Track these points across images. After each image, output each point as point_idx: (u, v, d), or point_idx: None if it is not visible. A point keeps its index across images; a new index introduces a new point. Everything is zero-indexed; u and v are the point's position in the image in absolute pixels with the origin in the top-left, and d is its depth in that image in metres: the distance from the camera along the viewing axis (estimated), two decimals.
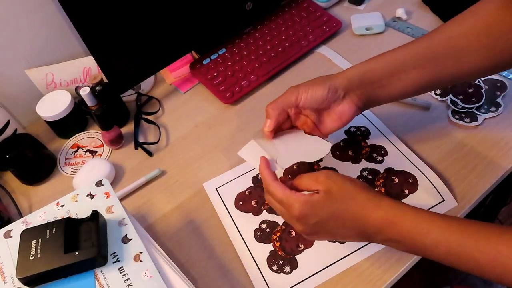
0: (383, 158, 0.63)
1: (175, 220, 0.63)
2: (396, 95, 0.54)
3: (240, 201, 0.62)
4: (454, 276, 1.20)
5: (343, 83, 0.53)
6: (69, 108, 0.74)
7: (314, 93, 0.52)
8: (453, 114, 0.66)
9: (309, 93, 0.52)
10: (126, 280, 0.44)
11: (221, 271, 0.56)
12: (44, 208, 0.51)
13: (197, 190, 0.65)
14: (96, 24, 0.65)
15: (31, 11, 0.72)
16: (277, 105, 0.53)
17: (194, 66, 0.81)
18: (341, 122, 0.55)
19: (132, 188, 0.67)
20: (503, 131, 0.64)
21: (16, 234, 0.47)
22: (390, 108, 0.69)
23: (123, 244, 0.47)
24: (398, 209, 0.44)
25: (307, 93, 0.52)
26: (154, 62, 0.77)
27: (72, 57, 0.79)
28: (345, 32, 0.86)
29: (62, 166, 0.74)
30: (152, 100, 0.82)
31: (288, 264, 0.55)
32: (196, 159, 0.70)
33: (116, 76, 0.72)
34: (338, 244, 0.55)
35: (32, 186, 0.72)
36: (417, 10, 0.86)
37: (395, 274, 0.53)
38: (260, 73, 0.79)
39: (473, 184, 0.59)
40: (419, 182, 0.59)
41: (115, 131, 0.73)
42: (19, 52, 0.75)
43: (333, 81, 0.53)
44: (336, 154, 0.65)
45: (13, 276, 0.45)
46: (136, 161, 0.72)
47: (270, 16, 0.87)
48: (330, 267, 0.54)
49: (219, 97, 0.78)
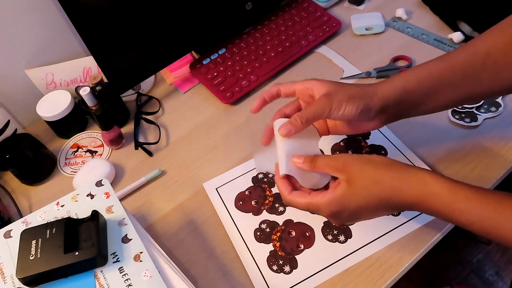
0: None
1: (175, 220, 0.63)
2: (425, 113, 0.52)
3: (240, 201, 0.62)
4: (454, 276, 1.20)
5: (379, 105, 0.49)
6: (69, 108, 0.74)
7: (346, 112, 0.47)
8: (453, 114, 0.67)
9: (341, 111, 0.47)
10: (126, 280, 0.44)
11: (221, 271, 0.56)
12: (44, 208, 0.51)
13: (197, 190, 0.65)
14: (96, 24, 0.65)
15: (31, 11, 0.72)
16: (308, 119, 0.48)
17: (194, 66, 0.81)
18: (356, 132, 0.53)
19: (132, 188, 0.67)
20: (503, 131, 0.64)
21: (16, 234, 0.47)
22: None
23: (123, 244, 0.47)
24: (431, 186, 0.42)
25: (339, 110, 0.47)
26: (154, 62, 0.77)
27: (72, 57, 0.79)
28: (345, 32, 0.86)
29: (62, 166, 0.74)
30: (152, 100, 0.82)
31: (288, 264, 0.55)
32: (196, 159, 0.70)
33: (116, 76, 0.72)
34: (338, 244, 0.55)
35: (32, 186, 0.72)
36: (417, 10, 0.86)
37: (395, 274, 0.53)
38: (260, 73, 0.79)
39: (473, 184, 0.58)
40: None
41: (115, 131, 0.73)
42: (19, 52, 0.75)
43: (369, 102, 0.48)
44: (336, 154, 0.65)
45: (13, 276, 0.45)
46: (136, 161, 0.72)
47: (270, 16, 0.87)
48: (330, 267, 0.54)
49: (219, 97, 0.78)
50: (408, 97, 0.49)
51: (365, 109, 0.48)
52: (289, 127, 0.47)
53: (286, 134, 0.48)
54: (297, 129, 0.48)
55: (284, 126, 0.48)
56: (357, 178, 0.44)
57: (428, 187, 0.42)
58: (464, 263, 1.23)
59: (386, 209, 0.45)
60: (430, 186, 0.42)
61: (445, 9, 0.83)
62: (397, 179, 0.43)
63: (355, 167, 0.45)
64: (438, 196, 0.42)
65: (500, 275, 1.22)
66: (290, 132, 0.47)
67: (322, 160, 0.47)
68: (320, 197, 0.46)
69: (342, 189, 0.45)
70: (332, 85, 0.50)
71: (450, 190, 0.42)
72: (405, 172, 0.44)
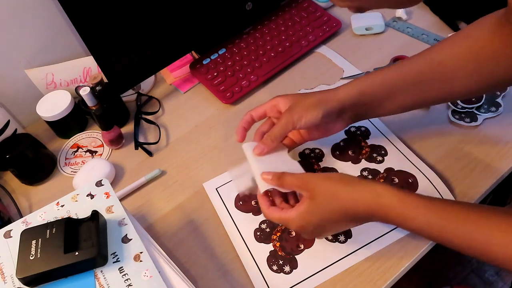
0: (383, 158, 0.63)
1: (175, 220, 0.63)
2: (385, 114, 0.58)
3: (240, 201, 0.62)
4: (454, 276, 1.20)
5: (337, 107, 0.54)
6: (69, 108, 0.74)
7: (309, 120, 0.53)
8: (453, 114, 0.67)
9: (303, 121, 0.53)
10: (126, 280, 0.44)
11: (221, 271, 0.56)
12: (44, 208, 0.51)
13: (197, 190, 0.65)
14: (96, 24, 0.65)
15: (31, 11, 0.72)
16: (276, 137, 0.54)
17: (194, 66, 0.81)
18: (329, 134, 0.58)
19: (132, 188, 0.67)
20: (503, 131, 0.64)
21: (16, 234, 0.47)
22: None
23: (123, 244, 0.47)
24: (383, 197, 0.45)
25: (302, 121, 0.53)
26: (154, 62, 0.77)
27: (72, 57, 0.79)
28: (345, 32, 0.86)
29: (62, 166, 0.74)
30: (152, 100, 0.82)
31: (288, 264, 0.55)
32: (196, 159, 0.70)
33: (116, 76, 0.72)
34: (338, 244, 0.55)
35: (32, 186, 0.72)
36: (417, 10, 0.86)
37: (395, 274, 0.53)
38: (260, 73, 0.79)
39: (473, 184, 0.59)
40: (419, 182, 0.59)
41: (115, 131, 0.73)
42: (19, 52, 0.75)
43: (327, 106, 0.54)
44: (336, 154, 0.65)
45: (13, 276, 0.45)
46: (136, 161, 0.72)
47: (270, 16, 0.87)
48: (330, 267, 0.54)
49: (219, 97, 0.78)
50: (363, 100, 0.55)
51: (325, 113, 0.53)
52: (261, 147, 0.54)
53: (260, 154, 0.55)
54: (269, 148, 0.54)
55: (257, 147, 0.55)
56: (318, 194, 0.48)
57: (380, 198, 0.45)
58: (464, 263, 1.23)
59: (348, 221, 0.48)
60: (382, 197, 0.45)
61: (445, 9, 0.83)
62: (352, 192, 0.47)
63: (315, 184, 0.49)
64: (390, 206, 0.44)
65: (500, 275, 1.22)
66: (263, 151, 0.54)
67: (287, 178, 0.51)
68: (289, 213, 0.50)
69: (305, 205, 0.49)
70: (294, 98, 0.55)
71: (400, 200, 0.44)
72: (359, 186, 0.47)
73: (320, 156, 0.66)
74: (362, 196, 0.46)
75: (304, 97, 0.55)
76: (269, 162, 0.55)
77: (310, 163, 0.65)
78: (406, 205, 0.44)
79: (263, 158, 0.55)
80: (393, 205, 0.44)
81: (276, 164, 0.54)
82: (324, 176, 0.50)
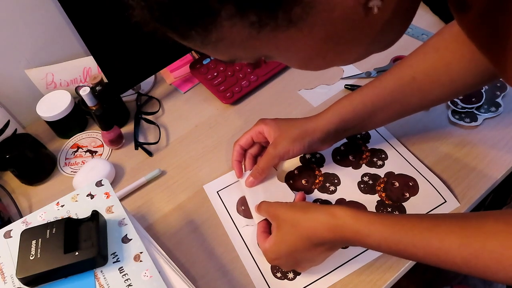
0: (383, 162, 0.63)
1: (175, 220, 0.63)
2: (370, 129, 0.64)
3: (242, 206, 0.62)
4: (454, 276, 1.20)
5: (321, 137, 0.57)
6: (69, 108, 0.74)
7: (295, 153, 0.57)
8: (453, 114, 0.66)
9: (290, 154, 0.57)
10: (126, 280, 0.44)
11: (221, 271, 0.56)
12: (44, 208, 0.51)
13: (197, 190, 0.65)
14: (96, 24, 0.65)
15: (31, 11, 0.72)
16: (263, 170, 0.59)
17: (194, 66, 0.81)
18: (313, 151, 0.64)
19: (132, 188, 0.67)
20: (503, 131, 0.64)
21: (16, 234, 0.47)
22: None
23: (123, 244, 0.47)
24: (338, 218, 0.45)
25: (289, 155, 0.57)
26: (154, 62, 0.77)
27: (72, 57, 0.79)
28: None
29: (62, 166, 0.74)
30: (152, 100, 0.82)
31: (292, 271, 0.54)
32: (196, 159, 0.70)
33: (116, 76, 0.72)
34: (340, 250, 0.54)
35: (32, 186, 0.72)
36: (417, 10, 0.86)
37: (395, 274, 0.53)
38: (260, 73, 0.79)
39: (473, 184, 0.59)
40: (420, 185, 0.59)
41: (115, 131, 0.73)
42: (19, 52, 0.75)
43: (312, 137, 0.57)
44: (337, 159, 0.65)
45: (13, 276, 0.45)
46: (136, 161, 0.72)
47: None
48: (333, 272, 0.53)
49: (219, 97, 0.78)
50: (345, 125, 0.58)
51: (309, 145, 0.57)
52: (251, 180, 0.59)
53: (251, 186, 0.60)
54: (258, 180, 0.60)
55: (247, 181, 0.60)
56: (282, 224, 0.50)
57: (336, 219, 0.46)
58: None
59: (317, 247, 0.48)
60: (338, 219, 0.45)
61: (445, 9, 0.83)
62: (310, 220, 0.47)
63: (280, 213, 0.51)
64: (346, 225, 0.45)
65: None
66: (253, 183, 0.60)
67: (263, 208, 0.54)
68: (265, 244, 0.51)
69: (273, 236, 0.50)
70: (278, 127, 0.58)
71: (354, 218, 0.45)
72: (317, 212, 0.47)
73: (321, 161, 0.65)
74: (320, 221, 0.46)
75: (287, 127, 0.58)
76: (261, 191, 0.60)
77: (311, 168, 0.65)
78: (360, 223, 0.44)
79: (254, 188, 0.60)
80: (348, 224, 0.45)
81: (265, 194, 0.59)
82: (289, 205, 0.51)
